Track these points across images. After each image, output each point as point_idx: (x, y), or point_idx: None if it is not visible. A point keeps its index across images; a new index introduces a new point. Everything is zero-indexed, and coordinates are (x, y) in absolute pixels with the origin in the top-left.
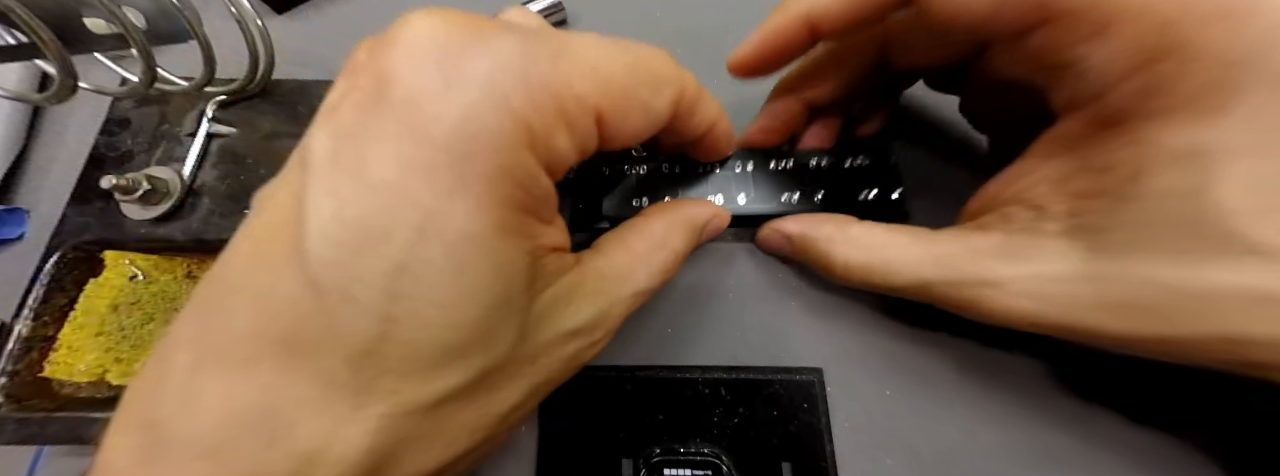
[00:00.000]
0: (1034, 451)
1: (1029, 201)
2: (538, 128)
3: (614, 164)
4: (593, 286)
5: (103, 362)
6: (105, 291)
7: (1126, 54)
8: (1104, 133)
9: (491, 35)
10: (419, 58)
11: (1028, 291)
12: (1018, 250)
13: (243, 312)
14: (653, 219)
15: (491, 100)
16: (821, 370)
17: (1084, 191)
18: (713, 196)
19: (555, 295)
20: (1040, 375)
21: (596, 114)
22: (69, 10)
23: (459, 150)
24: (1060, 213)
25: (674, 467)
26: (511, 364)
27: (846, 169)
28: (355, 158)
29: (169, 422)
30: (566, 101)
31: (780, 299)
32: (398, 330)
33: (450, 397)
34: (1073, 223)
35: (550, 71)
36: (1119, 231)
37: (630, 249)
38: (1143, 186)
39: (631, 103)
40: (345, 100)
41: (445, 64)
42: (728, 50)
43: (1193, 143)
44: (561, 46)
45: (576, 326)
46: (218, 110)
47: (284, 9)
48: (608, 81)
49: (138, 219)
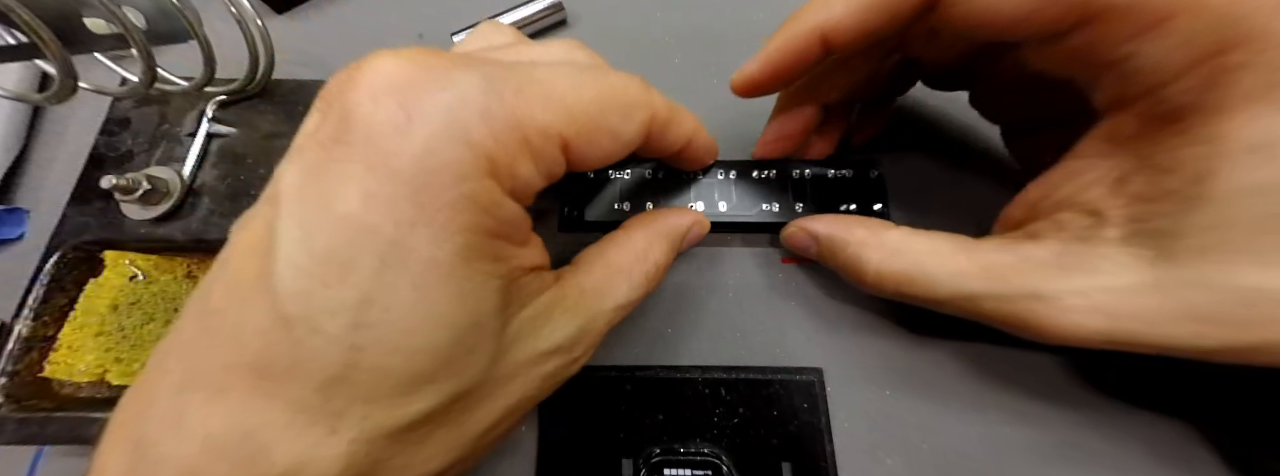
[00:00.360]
0: (1035, 450)
1: (1083, 206)
2: (500, 158)
3: (599, 169)
4: (573, 302)
5: (103, 362)
6: (105, 291)
7: (1185, 48)
8: (1162, 130)
9: (453, 71)
10: (381, 96)
11: (1093, 305)
12: (1077, 260)
13: (219, 340)
14: (633, 231)
15: (450, 133)
16: (821, 370)
17: (1146, 194)
18: (694, 203)
19: (533, 314)
20: (1041, 374)
21: (562, 142)
22: (69, 10)
23: (420, 182)
24: (1121, 218)
25: (674, 467)
26: (486, 385)
27: (830, 179)
28: (320, 192)
29: (155, 444)
30: (529, 132)
31: (780, 299)
32: (365, 357)
33: (422, 421)
34: (1136, 228)
35: (513, 104)
36: (1192, 235)
37: (610, 263)
38: (1214, 185)
39: (599, 129)
40: (311, 138)
41: (406, 101)
42: (727, 51)
43: (1266, 134)
44: (526, 79)
45: (556, 344)
46: (218, 110)
47: (284, 9)
48: (573, 110)
49: (138, 219)
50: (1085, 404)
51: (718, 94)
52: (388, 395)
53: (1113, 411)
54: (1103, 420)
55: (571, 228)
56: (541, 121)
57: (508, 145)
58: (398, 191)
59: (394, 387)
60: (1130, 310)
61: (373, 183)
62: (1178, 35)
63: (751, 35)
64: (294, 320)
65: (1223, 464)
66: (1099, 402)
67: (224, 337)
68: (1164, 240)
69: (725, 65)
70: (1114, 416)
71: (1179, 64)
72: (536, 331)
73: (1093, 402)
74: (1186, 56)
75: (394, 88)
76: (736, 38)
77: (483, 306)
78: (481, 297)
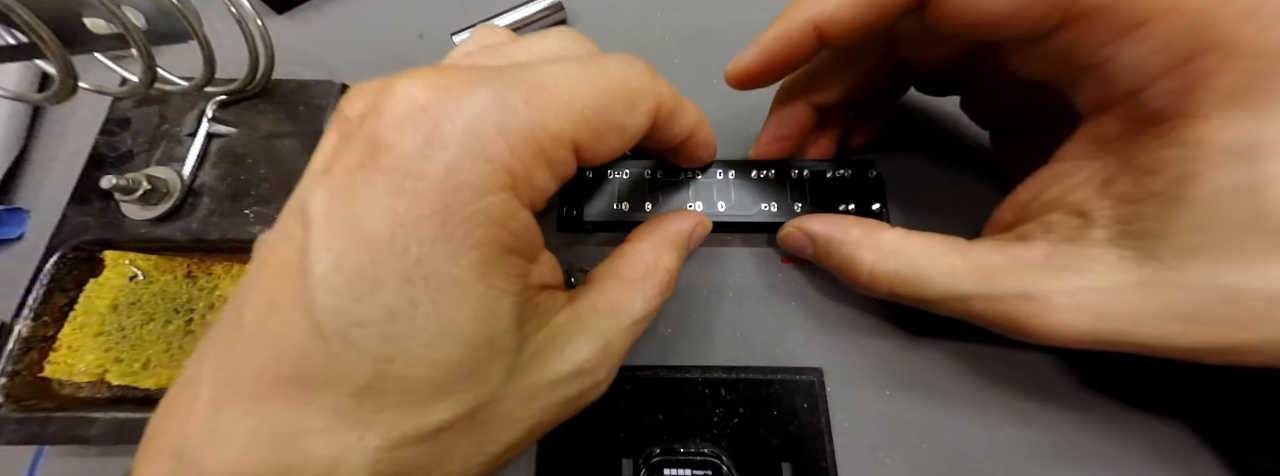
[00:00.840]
0: (1035, 450)
1: (1070, 207)
2: (518, 170)
3: (598, 168)
4: (589, 323)
5: (103, 362)
6: (105, 291)
7: (1161, 53)
8: (1143, 132)
9: (467, 90)
10: (403, 123)
11: (1080, 305)
12: (1066, 261)
13: (257, 355)
14: (639, 242)
15: (471, 154)
16: (821, 370)
17: (1130, 195)
18: (692, 204)
19: (549, 336)
20: (1041, 374)
21: (573, 145)
22: (69, 10)
23: (442, 202)
24: (1107, 218)
25: (674, 467)
26: (503, 402)
27: (828, 179)
28: (349, 216)
29: (197, 452)
30: (543, 142)
31: (780, 299)
32: (392, 368)
33: (444, 429)
34: (1122, 228)
35: (526, 116)
36: (1175, 236)
37: (622, 278)
38: (1195, 187)
39: (608, 125)
40: (338, 162)
41: (427, 126)
42: (727, 51)
43: (1242, 138)
44: (534, 87)
45: (576, 366)
46: (218, 110)
47: (284, 9)
48: (582, 112)
49: (138, 219)
50: (1085, 404)
51: (718, 94)
52: (412, 403)
53: (1112, 411)
54: (1102, 420)
55: (570, 228)
56: (554, 128)
57: (525, 157)
58: (422, 212)
59: (417, 396)
60: (1117, 310)
61: (400, 206)
62: (1154, 40)
63: (751, 35)
64: (330, 335)
65: (1220, 463)
66: (1098, 402)
67: (262, 352)
68: (1148, 241)
69: (725, 65)
70: (1113, 416)
71: (1156, 68)
72: (556, 353)
73: (1092, 402)
74: (1163, 61)
75: (414, 112)
76: (736, 38)
77: (498, 322)
78: (497, 313)
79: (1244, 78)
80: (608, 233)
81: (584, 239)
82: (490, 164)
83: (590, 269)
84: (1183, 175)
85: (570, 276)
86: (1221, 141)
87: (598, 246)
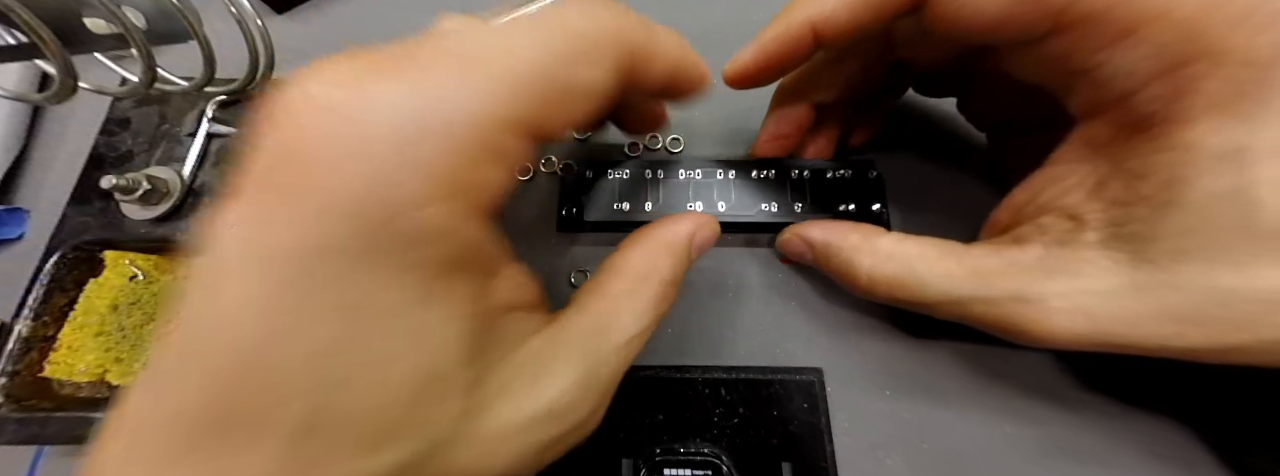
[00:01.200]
0: (1035, 448)
1: (1063, 210)
2: (457, 172)
3: (597, 167)
4: (569, 347)
5: (103, 362)
6: (105, 291)
7: (1152, 59)
8: (1134, 137)
9: (380, 82)
10: (308, 132)
11: (1076, 307)
12: (1060, 263)
13: (176, 404)
14: (628, 252)
15: (393, 161)
16: (821, 370)
17: (1122, 198)
18: (692, 203)
19: (519, 366)
20: (1040, 374)
21: (525, 126)
22: (69, 10)
23: (365, 221)
24: (1099, 221)
25: (674, 467)
26: (457, 450)
27: (829, 179)
28: (263, 240)
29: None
30: (484, 132)
31: (780, 299)
32: (325, 416)
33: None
34: (1114, 231)
35: (456, 104)
36: (1166, 239)
37: (607, 293)
38: (1185, 191)
39: (563, 92)
40: (247, 183)
41: (337, 132)
42: (726, 51)
43: (1230, 144)
44: (463, 62)
45: (551, 402)
46: (218, 110)
47: (284, 9)
48: (528, 83)
49: (138, 219)
50: (1084, 404)
51: (717, 94)
52: (350, 452)
53: (1111, 411)
54: (1101, 420)
55: (570, 228)
56: (495, 112)
57: (463, 154)
58: (341, 234)
59: (355, 444)
60: (1112, 312)
61: (316, 230)
62: (1145, 46)
63: (751, 35)
64: (252, 383)
65: (1218, 463)
66: (1097, 403)
67: (183, 401)
68: (1140, 243)
69: (724, 65)
70: (1112, 416)
71: (1147, 73)
72: (525, 388)
73: (1091, 403)
74: (1154, 66)
75: (323, 120)
76: (736, 37)
77: (443, 355)
78: (440, 345)
79: (1232, 84)
80: (608, 233)
81: (584, 239)
82: (419, 170)
83: (591, 270)
84: (1172, 179)
85: (569, 277)
86: (1210, 146)
87: (598, 246)
